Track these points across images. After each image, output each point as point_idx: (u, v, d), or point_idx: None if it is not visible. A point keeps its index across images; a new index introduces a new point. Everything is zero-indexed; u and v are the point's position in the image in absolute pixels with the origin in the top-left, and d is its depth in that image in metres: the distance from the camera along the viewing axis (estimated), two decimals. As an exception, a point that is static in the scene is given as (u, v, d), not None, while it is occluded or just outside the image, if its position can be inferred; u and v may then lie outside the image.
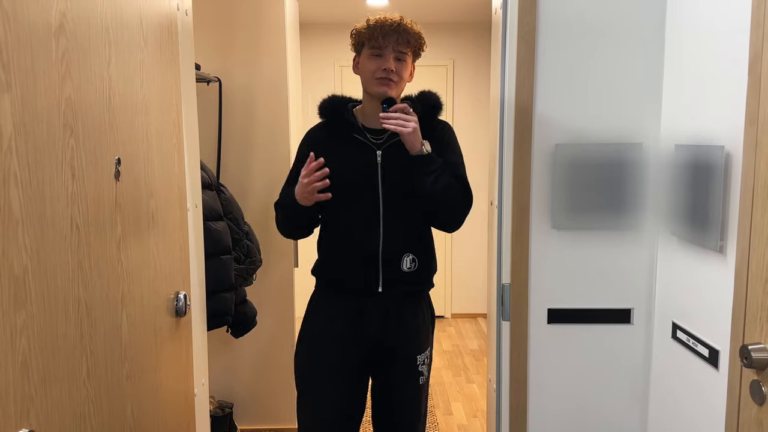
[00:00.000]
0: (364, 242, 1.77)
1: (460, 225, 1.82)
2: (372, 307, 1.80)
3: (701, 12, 1.56)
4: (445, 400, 3.69)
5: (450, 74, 5.12)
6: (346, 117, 1.82)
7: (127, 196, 1.35)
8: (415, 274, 1.81)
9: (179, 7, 1.73)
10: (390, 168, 1.77)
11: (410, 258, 1.79)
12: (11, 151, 0.93)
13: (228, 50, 2.97)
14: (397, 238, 1.78)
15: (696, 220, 1.55)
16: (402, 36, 1.74)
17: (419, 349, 1.84)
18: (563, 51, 1.75)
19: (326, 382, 1.81)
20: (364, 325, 1.80)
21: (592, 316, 1.83)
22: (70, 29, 1.11)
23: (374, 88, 1.77)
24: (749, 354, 1.21)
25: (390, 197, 1.77)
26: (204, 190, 2.44)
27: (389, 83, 1.75)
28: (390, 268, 1.78)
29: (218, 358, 3.06)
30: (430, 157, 1.70)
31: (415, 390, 1.84)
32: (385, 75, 1.74)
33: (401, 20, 1.76)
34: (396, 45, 1.75)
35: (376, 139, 1.80)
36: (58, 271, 1.06)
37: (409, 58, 1.80)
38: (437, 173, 1.70)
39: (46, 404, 1.02)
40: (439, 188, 1.70)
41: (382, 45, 1.74)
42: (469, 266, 5.29)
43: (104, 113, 1.24)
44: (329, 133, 1.85)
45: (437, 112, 1.87)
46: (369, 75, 1.77)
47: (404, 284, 1.80)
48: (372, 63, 1.76)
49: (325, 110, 1.87)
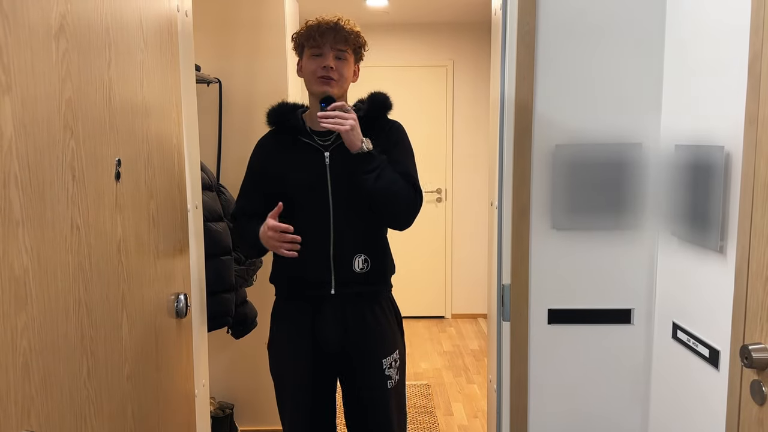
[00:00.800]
0: (315, 244, 1.77)
1: (410, 222, 1.81)
2: (328, 311, 1.80)
3: (701, 12, 1.56)
4: (445, 401, 3.69)
5: (450, 75, 5.12)
6: (293, 122, 1.83)
7: (128, 197, 1.35)
8: (368, 275, 1.80)
9: (179, 8, 1.73)
10: (338, 169, 1.77)
11: (362, 258, 1.79)
12: (11, 153, 0.93)
13: (228, 51, 2.97)
14: (348, 239, 1.78)
15: (696, 220, 1.55)
16: (339, 34, 1.76)
17: (384, 353, 1.82)
18: (563, 51, 1.75)
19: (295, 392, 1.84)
20: (323, 332, 1.80)
21: (593, 317, 1.83)
22: (70, 31, 1.11)
23: (316, 87, 1.78)
24: (749, 354, 1.21)
25: (340, 198, 1.77)
26: (204, 191, 2.44)
27: (330, 81, 1.76)
28: (342, 269, 1.78)
29: (219, 359, 3.06)
30: (371, 154, 1.70)
31: (383, 395, 1.82)
32: (326, 73, 1.76)
33: (338, 20, 1.78)
34: (334, 43, 1.76)
35: (324, 141, 1.81)
36: (58, 272, 1.06)
37: (349, 56, 1.81)
38: (379, 170, 1.70)
39: (46, 405, 1.02)
40: (381, 186, 1.70)
41: (320, 44, 1.76)
42: (470, 267, 5.29)
43: (104, 114, 1.24)
44: (278, 139, 1.86)
45: (386, 111, 1.87)
46: (310, 75, 1.78)
47: (357, 285, 1.80)
48: (312, 63, 1.78)
49: (272, 117, 1.88)
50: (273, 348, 1.90)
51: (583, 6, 1.73)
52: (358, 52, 1.84)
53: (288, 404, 1.86)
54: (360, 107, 1.84)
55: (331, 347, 1.81)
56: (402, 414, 1.90)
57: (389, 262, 1.89)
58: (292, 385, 1.84)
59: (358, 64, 1.86)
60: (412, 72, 5.09)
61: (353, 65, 1.84)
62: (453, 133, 5.18)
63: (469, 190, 5.16)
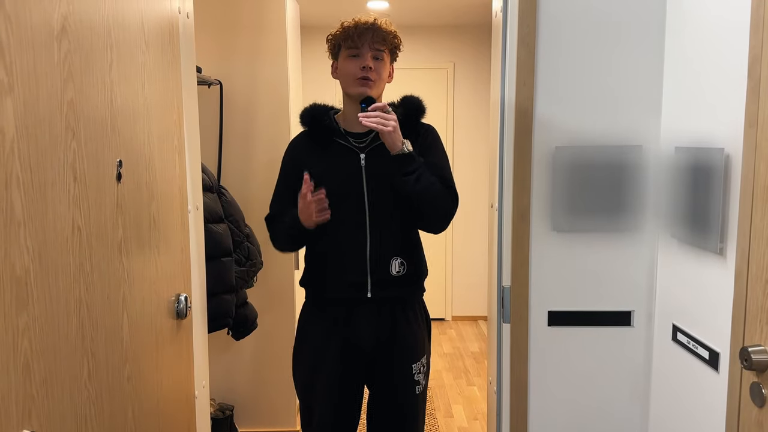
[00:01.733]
0: (351, 247, 1.76)
1: (445, 226, 1.81)
2: (363, 315, 1.78)
3: (701, 15, 1.57)
4: (445, 403, 3.68)
5: (450, 77, 5.13)
6: (327, 122, 1.81)
7: (129, 198, 1.35)
8: (405, 278, 1.79)
9: (180, 10, 1.74)
10: (374, 171, 1.76)
11: (399, 261, 1.78)
12: (13, 154, 0.94)
13: (229, 53, 2.97)
14: (385, 242, 1.77)
15: (696, 222, 1.55)
16: (377, 34, 1.74)
17: (415, 358, 1.81)
18: (563, 54, 1.75)
19: (324, 397, 1.80)
20: (357, 336, 1.78)
21: (593, 319, 1.83)
22: (72, 32, 1.12)
23: (354, 89, 1.76)
24: (749, 356, 1.22)
25: (376, 200, 1.76)
26: (205, 193, 2.44)
27: (368, 83, 1.75)
28: (378, 273, 1.76)
29: (219, 361, 3.06)
30: (411, 156, 1.69)
31: (412, 400, 1.81)
32: (365, 74, 1.74)
33: (375, 20, 1.77)
34: (372, 43, 1.74)
35: (359, 143, 1.79)
36: (59, 273, 1.07)
37: (386, 56, 1.79)
38: (419, 173, 1.69)
39: (47, 405, 1.03)
40: (420, 188, 1.69)
41: (358, 44, 1.74)
42: (470, 269, 5.29)
43: (106, 116, 1.25)
44: (312, 140, 1.84)
45: (420, 115, 1.86)
46: (348, 76, 1.76)
47: (394, 288, 1.78)
48: (350, 64, 1.76)
49: (306, 118, 1.86)
50: (300, 350, 1.86)
51: (583, 9, 1.74)
52: (394, 53, 1.83)
53: (315, 408, 1.82)
54: (394, 110, 1.81)
55: (364, 350, 1.78)
56: (424, 419, 1.90)
57: (424, 265, 1.88)
58: (320, 388, 1.80)
59: (392, 64, 1.85)
60: (413, 74, 5.09)
61: (389, 65, 1.82)
62: (453, 135, 5.19)
63: (469, 192, 5.17)
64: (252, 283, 2.82)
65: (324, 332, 1.80)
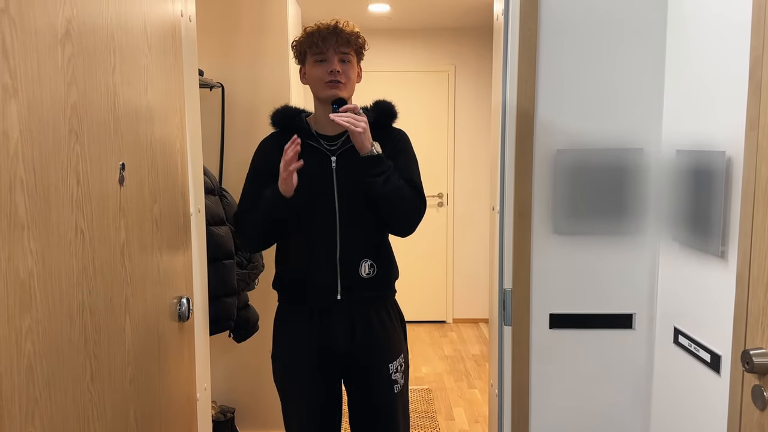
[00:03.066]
0: (321, 249, 1.77)
1: (413, 229, 1.81)
2: (335, 317, 1.79)
3: (702, 18, 1.57)
4: (446, 406, 3.68)
5: (451, 80, 5.13)
6: (299, 124, 1.82)
7: (131, 201, 1.36)
8: (375, 280, 1.80)
9: (183, 13, 1.74)
10: (345, 173, 1.77)
11: (368, 264, 1.79)
12: (17, 157, 0.94)
13: (231, 56, 2.98)
14: (355, 244, 1.78)
15: (697, 225, 1.55)
16: (341, 37, 1.76)
17: (391, 358, 1.83)
18: (564, 57, 1.76)
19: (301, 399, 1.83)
20: (331, 337, 1.79)
21: (594, 321, 1.83)
22: (76, 36, 1.12)
23: (324, 93, 1.77)
24: (751, 359, 1.22)
25: (346, 202, 1.77)
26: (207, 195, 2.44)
27: (338, 85, 1.76)
28: (348, 275, 1.77)
29: (220, 363, 3.06)
30: (380, 158, 1.71)
31: (390, 400, 1.83)
32: (333, 77, 1.75)
33: (337, 23, 1.78)
34: (337, 47, 1.76)
35: (331, 145, 1.80)
36: (62, 275, 1.07)
37: (353, 58, 1.81)
38: (387, 175, 1.70)
39: (50, 407, 1.03)
40: (387, 190, 1.70)
41: (323, 49, 1.76)
42: (471, 271, 5.29)
43: (109, 119, 1.25)
44: (282, 141, 1.79)
45: (391, 119, 1.87)
46: (317, 81, 1.78)
47: (363, 290, 1.79)
48: (318, 69, 1.78)
49: (277, 119, 1.86)
50: (277, 355, 1.88)
51: (585, 12, 1.74)
52: (360, 53, 1.84)
53: (295, 412, 1.86)
54: (366, 114, 1.84)
55: (338, 353, 1.80)
56: (406, 418, 1.91)
57: (394, 267, 1.89)
58: (299, 392, 1.83)
59: (360, 64, 1.86)
60: (414, 77, 5.10)
61: (357, 66, 1.84)
62: (454, 138, 5.19)
63: (470, 195, 5.17)
64: (253, 286, 2.82)
65: (298, 334, 1.82)
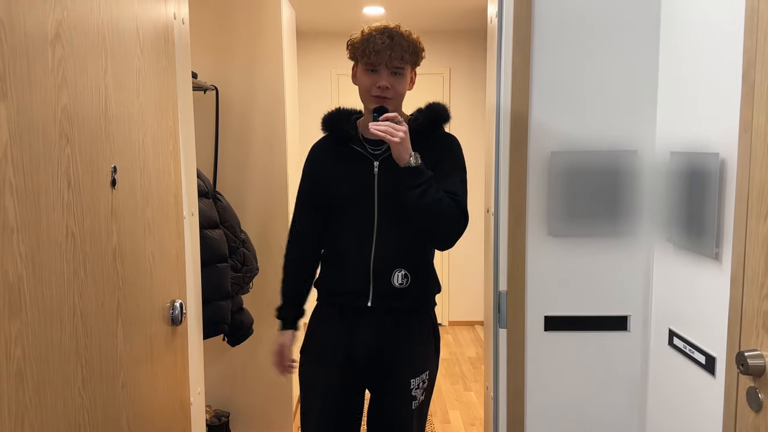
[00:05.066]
0: (357, 253, 1.74)
1: (451, 244, 1.70)
2: (365, 323, 1.75)
3: (695, 21, 1.57)
4: (442, 409, 3.67)
5: (446, 82, 5.14)
6: (345, 128, 1.80)
7: (123, 204, 1.35)
8: (407, 291, 1.73)
9: (176, 15, 1.74)
10: (387, 180, 1.72)
11: (402, 273, 1.72)
12: (7, 159, 0.93)
13: (225, 59, 2.97)
14: (390, 251, 1.72)
15: (691, 227, 1.55)
16: (396, 51, 1.67)
17: (414, 372, 1.75)
18: (558, 59, 1.76)
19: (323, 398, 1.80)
20: (356, 343, 1.76)
21: (589, 324, 1.83)
22: (67, 38, 1.12)
23: (369, 103, 1.74)
24: (745, 361, 1.21)
25: (385, 208, 1.73)
26: (200, 198, 2.43)
27: (384, 100, 1.71)
28: (380, 283, 1.73)
29: (214, 367, 3.04)
30: (418, 169, 1.63)
31: (407, 415, 1.76)
32: (380, 93, 1.70)
33: (395, 32, 1.68)
34: (390, 61, 1.68)
35: (375, 150, 1.77)
36: (53, 279, 1.06)
37: (406, 71, 1.73)
38: (424, 187, 1.62)
39: (40, 413, 1.02)
40: (424, 203, 1.61)
41: (375, 63, 1.69)
42: (466, 274, 5.29)
43: (100, 122, 1.24)
44: (330, 145, 1.83)
45: (443, 122, 1.81)
46: (364, 90, 1.73)
47: (395, 300, 1.73)
48: (367, 79, 1.72)
49: (326, 123, 1.85)
50: (306, 351, 1.86)
51: (578, 15, 1.74)
52: (416, 62, 1.76)
53: (314, 410, 1.82)
54: (417, 117, 1.79)
55: (362, 359, 1.76)
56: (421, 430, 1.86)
57: (432, 280, 1.81)
58: (321, 391, 1.80)
59: (414, 70, 1.79)
60: (409, 80, 5.09)
61: (409, 76, 1.76)
62: (449, 141, 5.19)
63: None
64: (248, 289, 2.81)
65: (327, 335, 1.81)
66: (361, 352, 1.76)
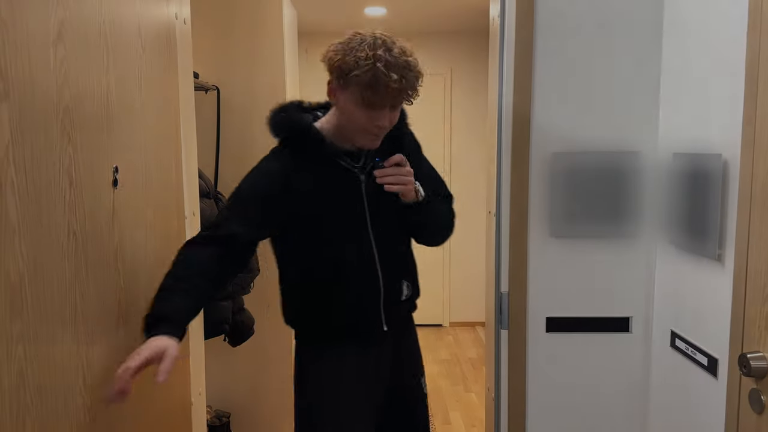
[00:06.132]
0: (361, 279, 1.57)
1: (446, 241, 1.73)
2: (381, 350, 1.63)
3: (698, 22, 1.57)
4: (443, 410, 3.67)
5: (448, 83, 5.14)
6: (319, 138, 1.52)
7: (125, 204, 1.35)
8: (410, 301, 1.70)
9: (177, 15, 1.74)
10: (375, 193, 1.53)
11: (406, 284, 1.65)
12: (8, 159, 0.93)
13: (226, 59, 2.97)
14: (394, 266, 1.61)
15: (694, 228, 1.55)
16: (406, 93, 1.44)
17: (421, 371, 1.76)
18: (560, 60, 1.75)
19: None
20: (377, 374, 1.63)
21: (591, 325, 1.83)
22: (69, 37, 1.11)
23: (360, 141, 1.49)
24: (748, 362, 1.21)
25: (378, 224, 1.56)
26: (202, 199, 2.43)
27: (378, 139, 1.49)
28: (390, 301, 1.60)
29: (215, 368, 3.04)
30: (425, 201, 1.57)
31: (425, 413, 1.76)
32: (377, 132, 1.47)
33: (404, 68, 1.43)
34: (394, 101, 1.45)
35: (356, 163, 1.55)
36: (54, 279, 1.06)
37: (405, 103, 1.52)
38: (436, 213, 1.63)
39: (42, 414, 1.02)
40: (425, 219, 1.60)
41: (378, 106, 1.42)
42: (468, 274, 5.28)
43: (102, 121, 1.24)
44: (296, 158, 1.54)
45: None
46: (356, 125, 1.46)
47: (403, 312, 1.68)
48: (363, 115, 1.44)
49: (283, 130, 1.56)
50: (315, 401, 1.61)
51: (580, 15, 1.74)
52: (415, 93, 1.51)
53: None
54: None
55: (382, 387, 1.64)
56: None
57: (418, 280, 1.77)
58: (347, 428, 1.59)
59: None
60: (410, 80, 5.09)
61: None
62: (451, 141, 5.19)
63: (467, 198, 5.16)
64: (249, 290, 2.81)
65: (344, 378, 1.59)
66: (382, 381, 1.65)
